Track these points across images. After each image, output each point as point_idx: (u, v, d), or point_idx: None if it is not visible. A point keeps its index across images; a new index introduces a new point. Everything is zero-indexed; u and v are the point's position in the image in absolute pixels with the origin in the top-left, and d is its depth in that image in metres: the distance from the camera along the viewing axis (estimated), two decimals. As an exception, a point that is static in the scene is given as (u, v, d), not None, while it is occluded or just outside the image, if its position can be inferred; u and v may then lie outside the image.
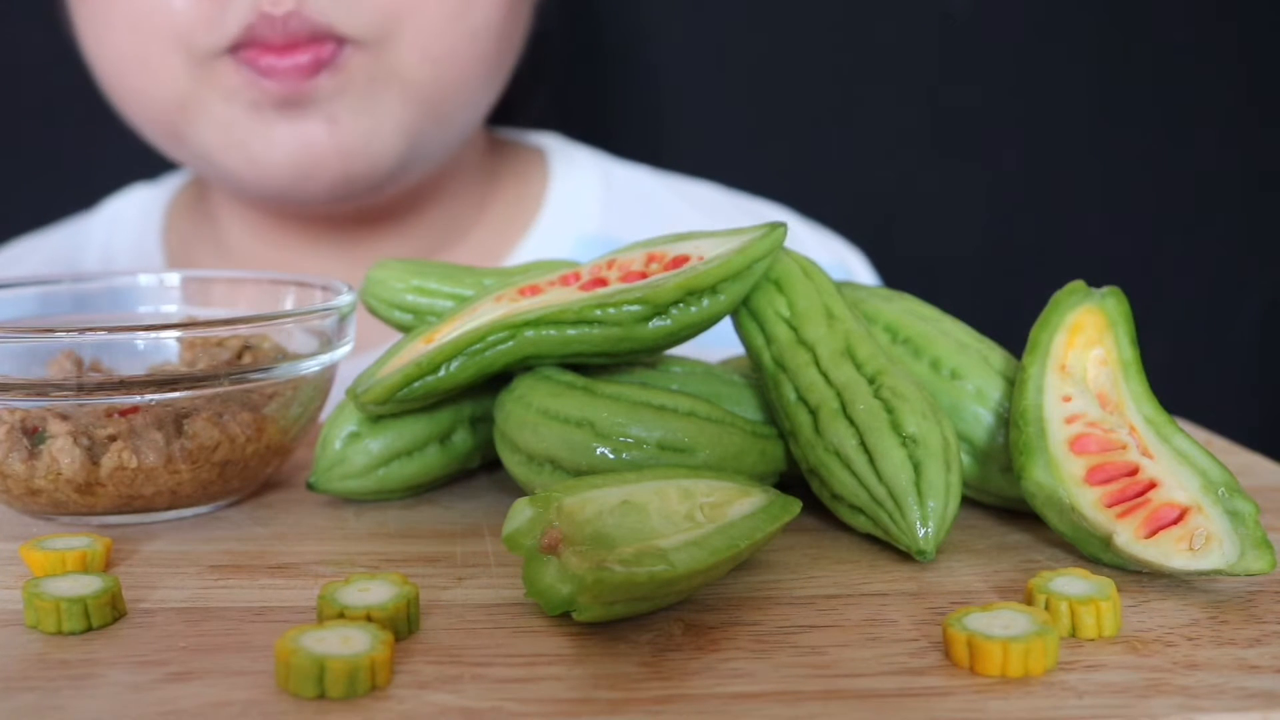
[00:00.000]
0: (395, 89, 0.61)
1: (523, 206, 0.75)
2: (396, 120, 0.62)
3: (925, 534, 0.35)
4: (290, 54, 0.59)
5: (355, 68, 0.60)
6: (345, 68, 0.60)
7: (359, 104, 0.61)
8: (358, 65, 0.60)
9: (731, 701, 0.27)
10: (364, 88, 0.61)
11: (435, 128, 0.64)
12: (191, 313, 0.47)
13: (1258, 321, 1.02)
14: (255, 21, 0.58)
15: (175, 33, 0.59)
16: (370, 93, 0.61)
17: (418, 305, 0.43)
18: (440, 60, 0.62)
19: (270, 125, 0.60)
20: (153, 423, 0.39)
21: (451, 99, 0.64)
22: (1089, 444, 0.36)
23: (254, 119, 0.60)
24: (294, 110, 0.60)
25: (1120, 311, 0.40)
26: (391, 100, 0.62)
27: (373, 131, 0.61)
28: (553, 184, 0.76)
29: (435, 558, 0.37)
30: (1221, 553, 0.33)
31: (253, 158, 0.61)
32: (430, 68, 0.62)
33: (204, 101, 0.61)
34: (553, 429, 0.37)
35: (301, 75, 0.59)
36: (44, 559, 0.35)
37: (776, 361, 0.39)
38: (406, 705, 0.27)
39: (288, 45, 0.59)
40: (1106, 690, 0.28)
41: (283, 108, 0.60)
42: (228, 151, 0.62)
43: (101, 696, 0.28)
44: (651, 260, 0.40)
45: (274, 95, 0.59)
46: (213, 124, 0.61)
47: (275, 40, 0.58)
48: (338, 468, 0.41)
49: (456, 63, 0.63)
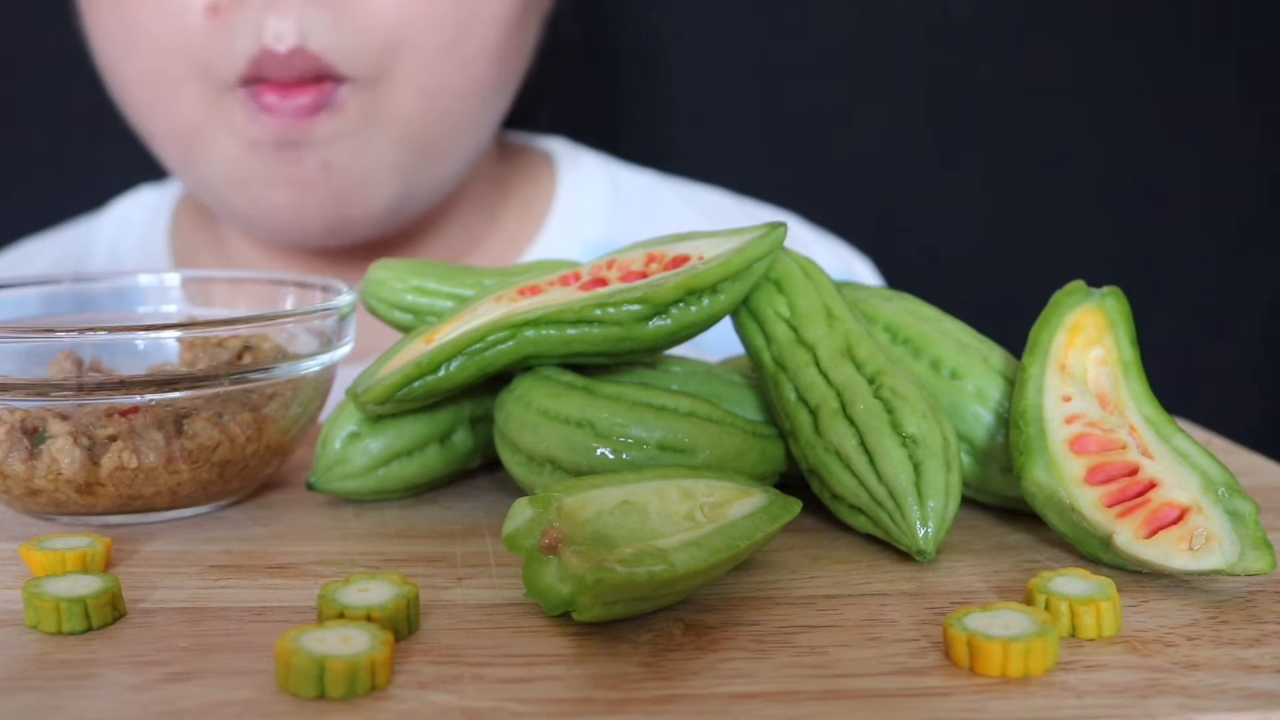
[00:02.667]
0: (389, 128, 0.61)
1: (531, 214, 0.75)
2: (390, 162, 0.62)
3: (925, 534, 0.35)
4: (292, 94, 0.59)
5: (352, 109, 0.60)
6: (343, 109, 0.60)
7: (354, 146, 0.61)
8: (354, 106, 0.60)
9: (731, 701, 0.27)
10: (359, 130, 0.61)
11: (427, 164, 0.64)
12: (192, 313, 0.47)
13: (1258, 321, 1.02)
14: (260, 56, 0.58)
15: (193, 60, 0.60)
16: (363, 135, 0.61)
17: (418, 305, 0.43)
18: (431, 94, 0.62)
19: (269, 165, 0.61)
20: (153, 423, 0.39)
21: (446, 132, 0.64)
22: (1089, 444, 0.36)
23: (254, 157, 0.61)
24: (290, 152, 0.60)
25: (1120, 311, 0.40)
26: (383, 142, 0.62)
27: (366, 175, 0.62)
28: (560, 190, 0.75)
29: (435, 558, 0.37)
30: (1221, 553, 0.33)
31: (253, 197, 0.62)
32: (423, 102, 0.62)
33: (213, 133, 0.61)
34: (553, 429, 0.37)
35: (301, 116, 0.59)
36: (44, 559, 0.35)
37: (776, 361, 0.39)
38: (406, 705, 0.27)
39: (292, 84, 0.59)
40: (1106, 690, 0.28)
41: (280, 149, 0.60)
42: (232, 187, 0.63)
43: (101, 696, 0.28)
44: (651, 260, 0.40)
45: (273, 134, 0.60)
46: (219, 156, 0.62)
47: (280, 78, 0.59)
48: (338, 468, 0.41)
49: (448, 95, 0.62)
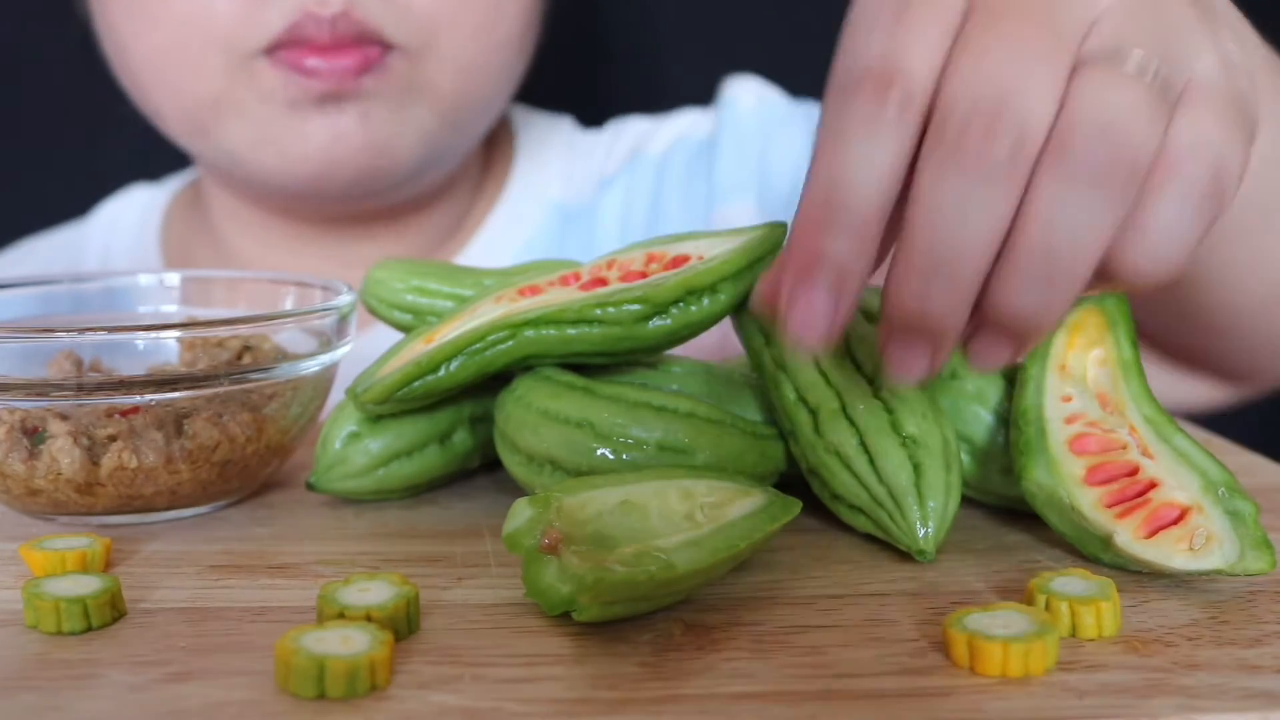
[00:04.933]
0: (426, 97, 0.62)
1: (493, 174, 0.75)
2: (421, 126, 0.63)
3: (925, 534, 0.35)
4: (336, 55, 0.59)
5: (396, 73, 0.61)
6: (388, 71, 0.61)
7: (392, 105, 0.62)
8: (398, 71, 0.61)
9: (731, 701, 0.27)
10: (399, 93, 0.61)
11: (453, 136, 0.65)
12: (191, 313, 0.47)
13: (1258, 321, 1.02)
14: (301, 20, 0.58)
15: (216, 32, 0.60)
16: (403, 98, 0.62)
17: (418, 305, 0.43)
18: (468, 70, 0.63)
19: (306, 119, 0.61)
20: (153, 423, 0.39)
21: (473, 108, 0.65)
22: (1089, 444, 0.36)
23: (290, 115, 0.61)
24: (331, 104, 0.61)
25: (1120, 311, 0.40)
26: (421, 108, 0.63)
27: (399, 133, 0.62)
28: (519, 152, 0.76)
29: (435, 558, 0.37)
30: (1221, 553, 0.33)
31: (283, 151, 0.62)
32: (460, 78, 0.63)
33: (239, 101, 0.61)
34: (553, 429, 0.37)
35: (348, 76, 0.59)
36: (44, 559, 0.35)
37: (776, 361, 0.39)
38: (406, 705, 0.27)
39: (333, 46, 0.59)
40: (1107, 690, 0.28)
41: (322, 102, 0.60)
42: (257, 148, 0.62)
43: (101, 696, 0.28)
44: (651, 260, 0.40)
45: (315, 92, 0.60)
46: (245, 122, 0.62)
47: (321, 39, 0.59)
48: (338, 468, 0.41)
49: (482, 73, 0.64)
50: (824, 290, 0.30)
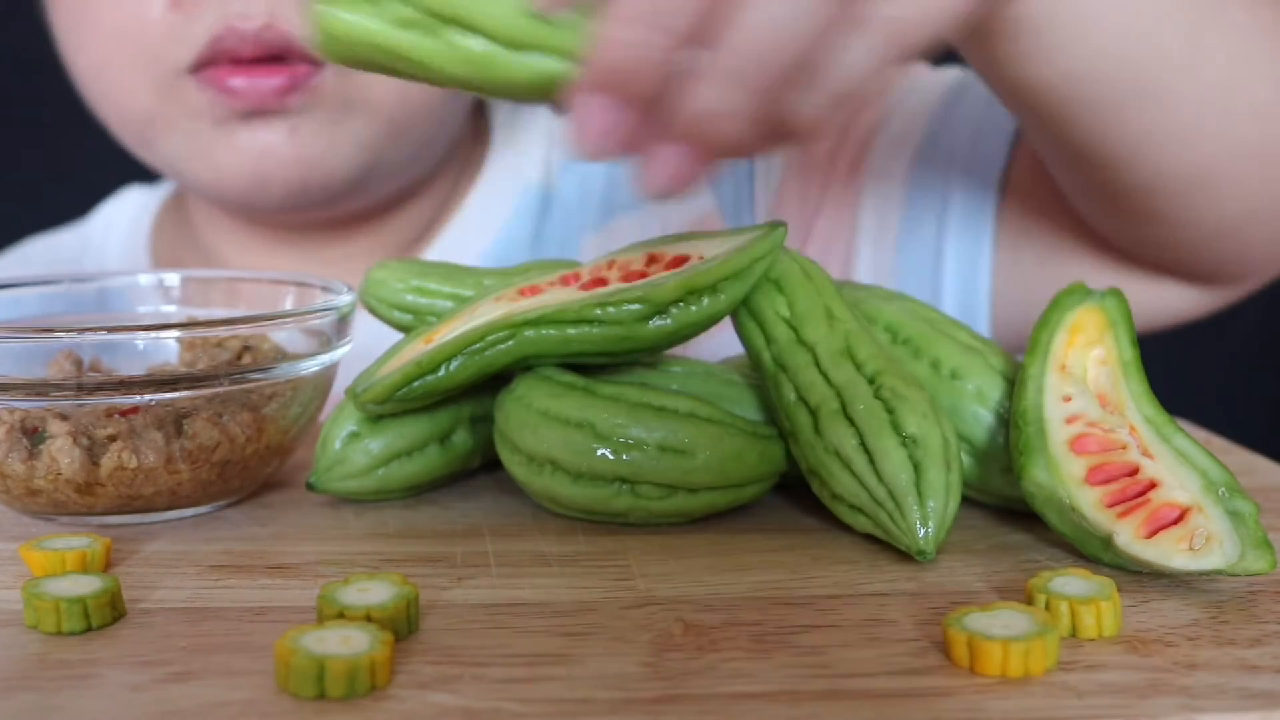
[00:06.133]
0: (362, 111, 0.61)
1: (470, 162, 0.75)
2: (357, 140, 0.62)
3: (925, 534, 0.35)
4: (261, 74, 0.58)
5: (327, 90, 0.60)
6: (317, 90, 0.60)
7: (323, 120, 0.61)
8: (329, 87, 0.60)
9: (731, 701, 0.27)
10: (331, 109, 0.61)
11: (398, 145, 0.64)
12: (191, 313, 0.47)
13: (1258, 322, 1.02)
14: (223, 33, 0.58)
15: (145, 47, 0.59)
16: (336, 114, 0.61)
17: (418, 305, 0.43)
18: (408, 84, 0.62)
19: (234, 133, 0.61)
20: (153, 423, 0.39)
21: (416, 117, 0.64)
22: (1089, 444, 0.36)
23: (218, 131, 0.61)
24: (258, 120, 0.60)
25: (1120, 311, 0.40)
26: (357, 121, 0.61)
27: (332, 148, 0.61)
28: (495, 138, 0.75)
29: (435, 558, 0.37)
30: (1222, 553, 0.33)
31: (215, 165, 0.62)
32: (399, 89, 0.61)
33: (170, 117, 0.61)
34: (553, 430, 0.37)
35: (271, 96, 0.59)
36: (44, 559, 0.35)
37: (776, 362, 0.39)
38: (406, 705, 0.27)
39: (261, 59, 0.58)
40: (1107, 690, 0.28)
41: (248, 119, 0.60)
42: (191, 161, 0.62)
43: (101, 697, 0.28)
44: (651, 260, 0.40)
45: (240, 111, 0.59)
46: (179, 136, 0.62)
47: (245, 53, 0.58)
48: (338, 468, 0.41)
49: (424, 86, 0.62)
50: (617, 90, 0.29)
